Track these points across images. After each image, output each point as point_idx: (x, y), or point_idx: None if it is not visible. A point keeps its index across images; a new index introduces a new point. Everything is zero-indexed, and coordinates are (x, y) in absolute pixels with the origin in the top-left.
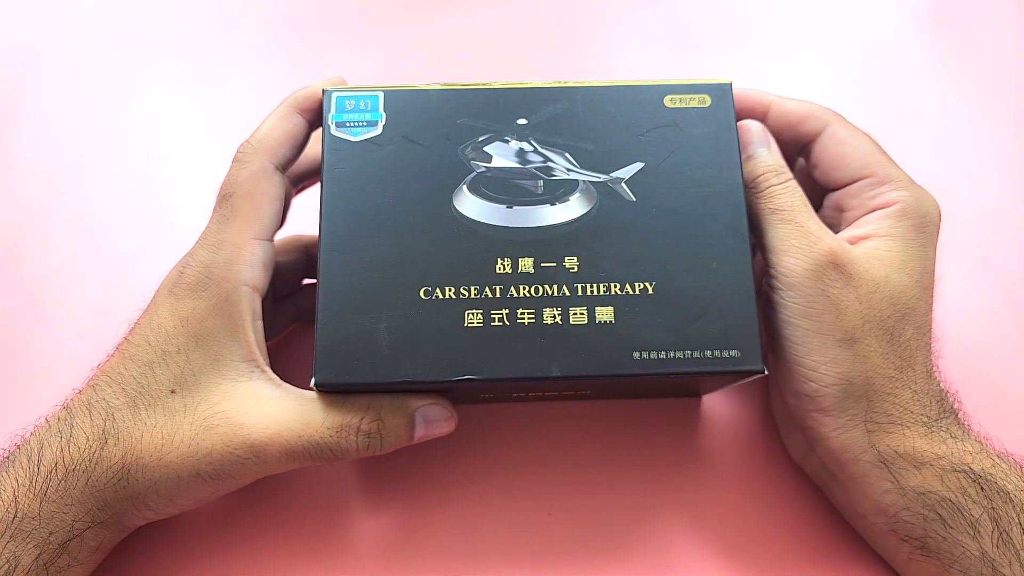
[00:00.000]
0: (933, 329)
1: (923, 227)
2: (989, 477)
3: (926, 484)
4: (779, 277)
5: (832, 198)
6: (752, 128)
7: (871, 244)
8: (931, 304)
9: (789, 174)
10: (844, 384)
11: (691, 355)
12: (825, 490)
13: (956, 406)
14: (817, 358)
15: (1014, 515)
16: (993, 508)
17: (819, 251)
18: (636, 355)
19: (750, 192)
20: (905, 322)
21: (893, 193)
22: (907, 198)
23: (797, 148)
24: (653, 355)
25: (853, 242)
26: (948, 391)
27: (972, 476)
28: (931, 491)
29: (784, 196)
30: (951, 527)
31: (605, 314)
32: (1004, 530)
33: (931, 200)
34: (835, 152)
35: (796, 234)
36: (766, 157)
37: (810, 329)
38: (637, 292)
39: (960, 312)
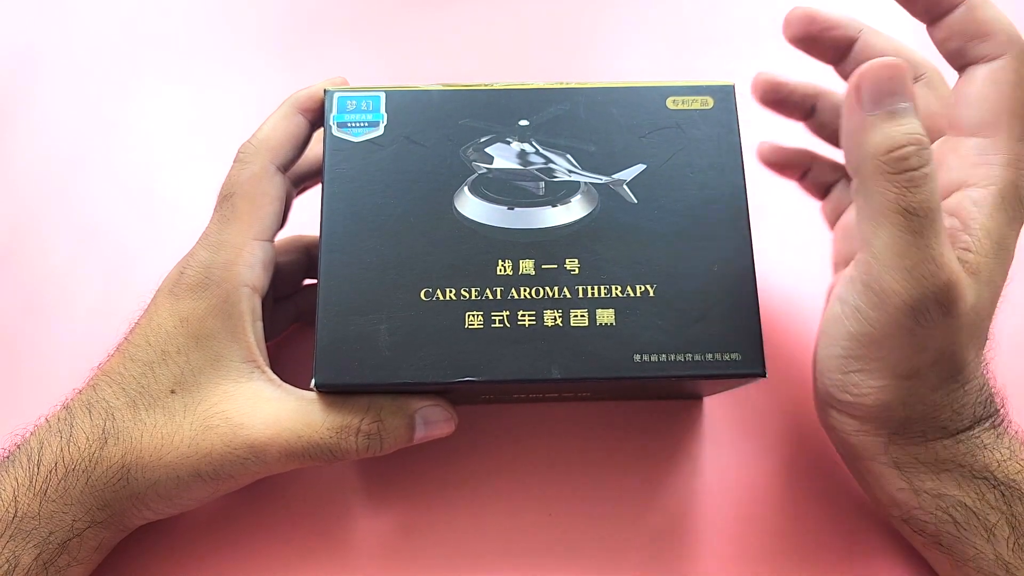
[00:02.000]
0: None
1: (1017, 219)
2: (1012, 484)
3: (942, 488)
4: (868, 291)
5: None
6: (896, 68)
7: (962, 247)
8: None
9: (932, 154)
10: (884, 409)
11: (692, 358)
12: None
13: (998, 407)
14: (868, 382)
15: None
16: (1013, 515)
17: (934, 285)
18: (637, 357)
19: (870, 164)
20: (972, 343)
21: (995, 168)
22: (1005, 178)
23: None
24: (654, 357)
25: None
26: (993, 392)
27: (993, 482)
28: (947, 494)
29: (923, 192)
30: (964, 529)
31: (606, 316)
32: (1023, 535)
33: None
34: (970, 92)
35: (918, 255)
36: (912, 123)
37: (872, 357)
38: (638, 294)
39: None
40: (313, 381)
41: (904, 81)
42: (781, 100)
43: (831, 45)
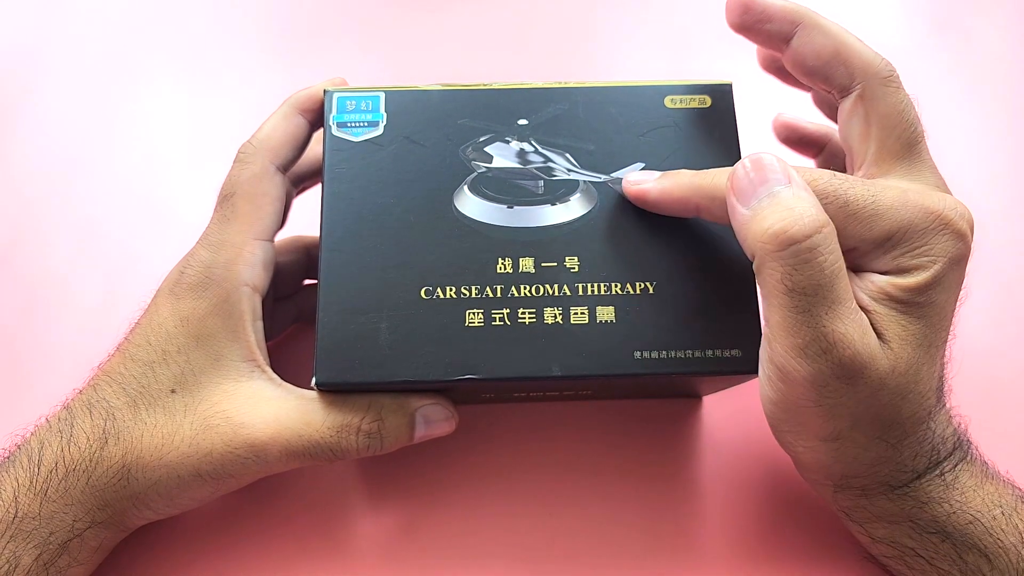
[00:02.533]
0: (946, 358)
1: (953, 287)
2: (964, 535)
3: (896, 537)
4: (772, 365)
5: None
6: (759, 165)
7: (883, 326)
8: (945, 349)
9: (821, 224)
10: (820, 466)
11: (692, 354)
12: None
13: (947, 454)
14: (799, 442)
15: (987, 572)
16: (965, 564)
17: (829, 362)
18: (637, 355)
19: (756, 247)
20: (902, 402)
21: (924, 258)
22: (939, 268)
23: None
24: (654, 355)
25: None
26: (943, 440)
27: (943, 535)
28: (900, 543)
29: (808, 270)
30: (920, 572)
31: (606, 314)
32: None
33: (966, 242)
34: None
35: (809, 333)
36: (788, 202)
37: (792, 421)
38: (638, 292)
39: (960, 314)
40: (314, 380)
41: (771, 170)
42: (796, 140)
43: (766, 37)
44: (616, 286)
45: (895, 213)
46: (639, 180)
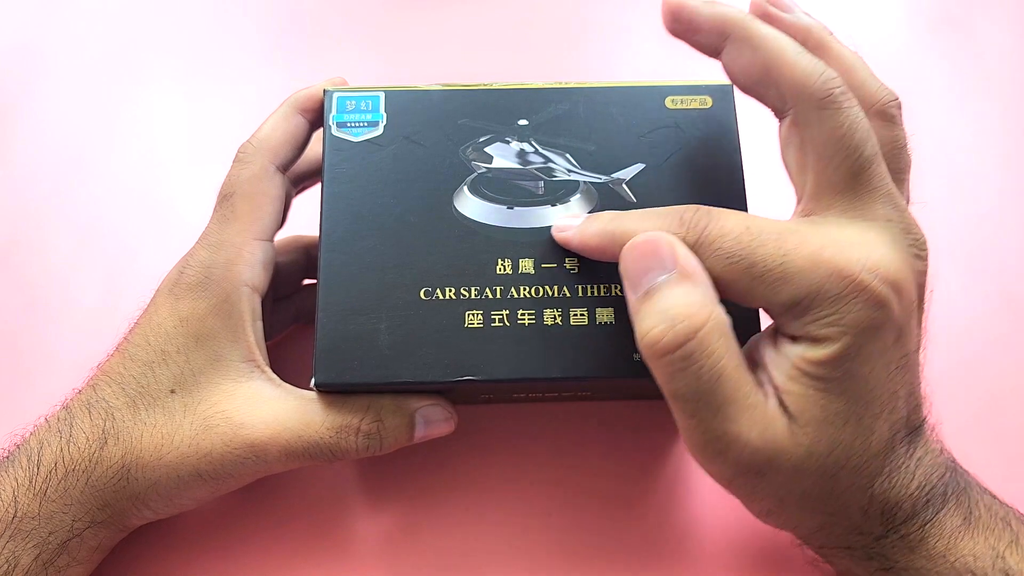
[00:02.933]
0: (922, 392)
1: (877, 356)
2: None
3: None
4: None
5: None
6: (648, 246)
7: (798, 408)
8: (890, 413)
9: (698, 334)
10: (772, 524)
11: None
12: None
13: (927, 504)
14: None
15: None
16: None
17: (725, 462)
18: (636, 356)
19: (641, 348)
20: (834, 479)
21: (832, 328)
22: (849, 340)
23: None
24: None
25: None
26: (915, 489)
27: None
28: None
29: (685, 377)
30: None
31: (605, 315)
32: None
33: (886, 309)
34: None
35: (701, 437)
36: (666, 299)
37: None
38: None
39: (956, 314)
40: (313, 380)
41: (655, 257)
42: (686, 35)
43: (699, 48)
44: (616, 287)
45: (803, 277)
46: (563, 227)
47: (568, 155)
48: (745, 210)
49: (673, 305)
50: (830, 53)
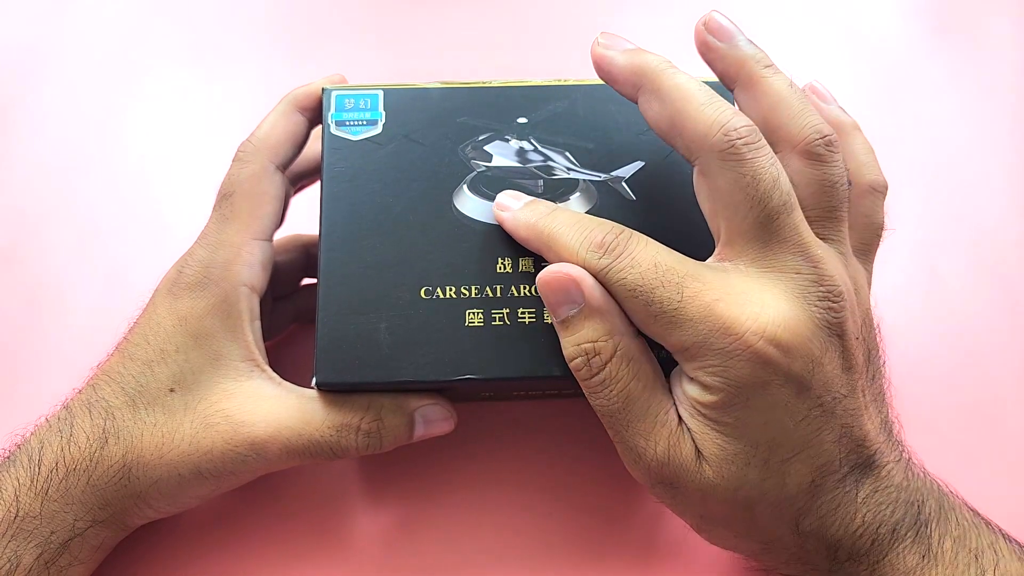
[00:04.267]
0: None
1: (768, 409)
2: None
3: None
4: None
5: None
6: (558, 280)
7: (701, 444)
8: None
9: (607, 365)
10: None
11: None
12: None
13: (873, 545)
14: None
15: None
16: None
17: (643, 472)
18: None
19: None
20: (753, 511)
21: (716, 378)
22: (728, 394)
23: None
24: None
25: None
26: (856, 527)
27: None
28: None
29: (602, 397)
30: None
31: None
32: None
33: (769, 368)
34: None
35: (620, 446)
36: (582, 331)
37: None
38: None
39: (958, 313)
40: (314, 380)
41: (567, 291)
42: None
43: (622, 95)
44: None
45: (693, 326)
46: (503, 206)
47: (567, 153)
48: None
49: (584, 338)
50: (757, 88)
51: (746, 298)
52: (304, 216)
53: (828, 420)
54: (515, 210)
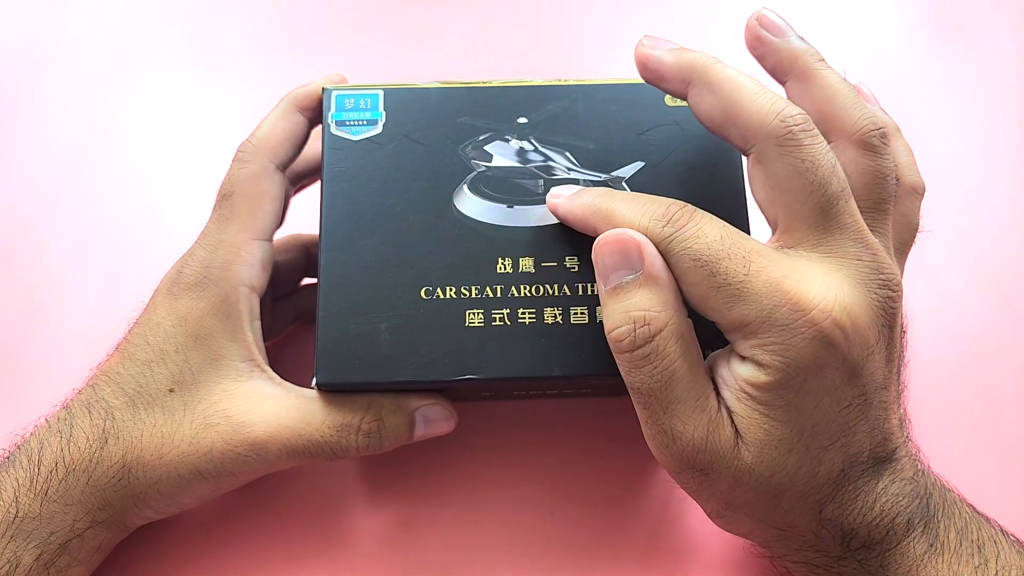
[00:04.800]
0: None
1: (821, 395)
2: None
3: None
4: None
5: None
6: (621, 243)
7: (744, 428)
8: (842, 447)
9: (655, 338)
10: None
11: None
12: None
13: (888, 533)
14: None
15: None
16: None
17: (672, 455)
18: None
19: (608, 338)
20: (780, 498)
21: (776, 357)
22: (787, 372)
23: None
24: None
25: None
26: (875, 516)
27: None
28: None
29: (643, 373)
30: None
31: None
32: None
33: (832, 349)
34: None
35: (653, 428)
36: (634, 298)
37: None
38: None
39: (957, 313)
40: (314, 380)
41: (627, 254)
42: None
43: (668, 91)
44: None
45: (758, 300)
46: (556, 195)
47: (567, 153)
48: (744, 207)
49: (636, 306)
50: (812, 81)
51: (812, 278)
52: (304, 216)
53: (866, 410)
54: (569, 195)
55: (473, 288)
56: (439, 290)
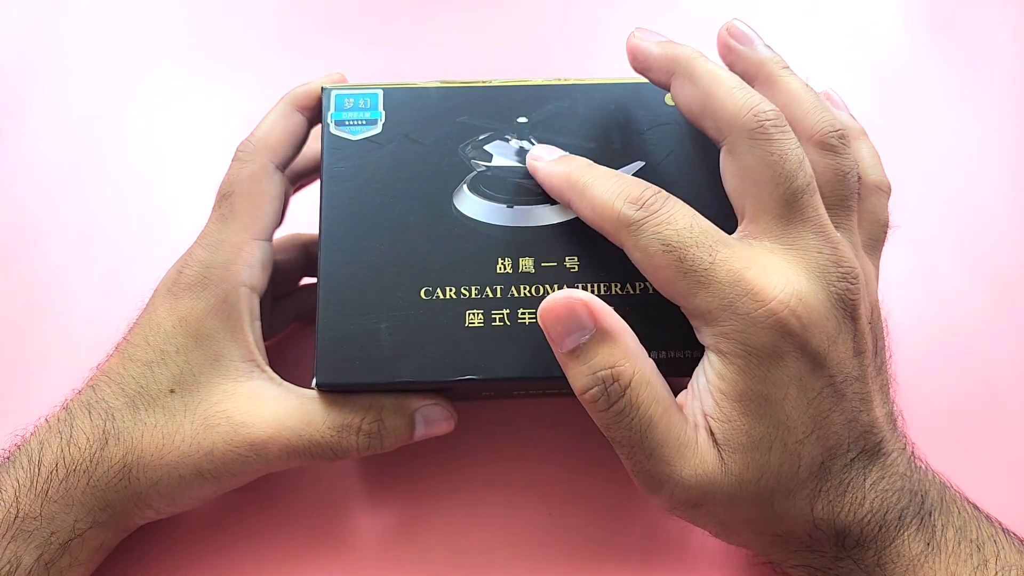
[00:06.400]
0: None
1: (787, 384)
2: None
3: None
4: None
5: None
6: (564, 308)
7: (705, 428)
8: (817, 439)
9: (626, 393)
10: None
11: (691, 354)
12: None
13: (880, 531)
14: None
15: None
16: None
17: (661, 498)
18: None
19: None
20: (769, 502)
21: (737, 345)
22: (748, 361)
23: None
24: (652, 355)
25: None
26: (864, 514)
27: None
28: None
29: (619, 429)
30: None
31: None
32: None
33: (791, 340)
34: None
35: (639, 475)
36: (595, 357)
37: None
38: (637, 292)
39: (957, 313)
40: (314, 380)
41: (577, 318)
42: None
43: (653, 81)
44: (616, 286)
45: (721, 289)
46: (537, 156)
47: (568, 153)
48: None
49: (600, 365)
50: (777, 85)
51: (772, 270)
52: (304, 216)
53: (839, 401)
54: (550, 159)
55: (473, 288)
56: (439, 290)
